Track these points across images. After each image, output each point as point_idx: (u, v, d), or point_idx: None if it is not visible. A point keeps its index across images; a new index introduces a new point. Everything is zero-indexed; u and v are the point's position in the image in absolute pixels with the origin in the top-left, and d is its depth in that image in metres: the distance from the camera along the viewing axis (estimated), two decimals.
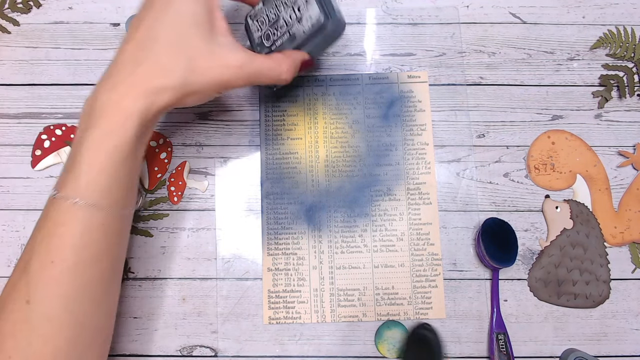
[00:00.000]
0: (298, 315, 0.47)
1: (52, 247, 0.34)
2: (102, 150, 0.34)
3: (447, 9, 0.52)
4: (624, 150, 0.49)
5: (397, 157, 0.49)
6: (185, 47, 0.36)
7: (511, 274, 0.48)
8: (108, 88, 0.35)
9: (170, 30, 0.36)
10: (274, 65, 0.40)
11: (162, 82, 0.35)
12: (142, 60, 0.35)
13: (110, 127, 0.34)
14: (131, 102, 0.35)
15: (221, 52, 0.37)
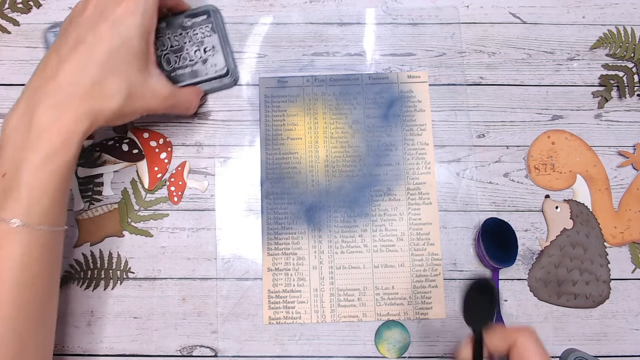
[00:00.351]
0: (298, 315, 0.47)
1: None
2: (44, 172, 0.35)
3: (447, 9, 0.52)
4: (624, 150, 0.49)
5: (397, 157, 0.49)
6: (126, 75, 0.38)
7: (511, 274, 0.48)
8: (47, 108, 0.36)
9: (113, 57, 0.38)
10: (189, 99, 0.46)
11: (104, 106, 0.37)
12: (83, 82, 0.37)
13: (52, 148, 0.35)
14: (74, 124, 0.36)
15: (153, 83, 0.41)
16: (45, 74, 0.37)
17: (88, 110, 0.37)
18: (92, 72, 0.37)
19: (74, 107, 0.36)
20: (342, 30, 0.52)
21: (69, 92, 0.36)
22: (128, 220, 0.48)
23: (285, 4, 0.52)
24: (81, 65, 0.37)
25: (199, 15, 0.49)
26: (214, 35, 0.49)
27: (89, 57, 0.37)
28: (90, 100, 0.37)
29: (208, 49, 0.48)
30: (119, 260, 0.48)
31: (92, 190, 0.49)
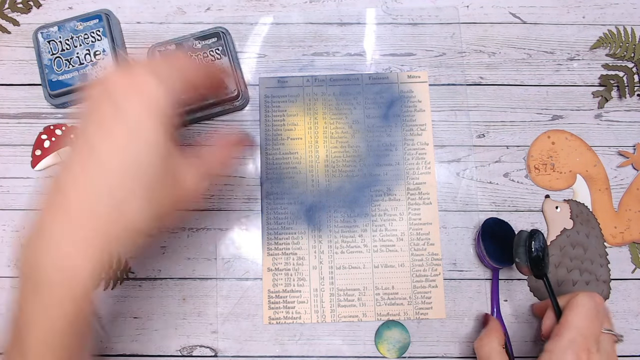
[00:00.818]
0: (298, 315, 0.47)
1: None
2: (48, 321, 0.29)
3: (447, 9, 0.52)
4: (624, 150, 0.49)
5: (397, 157, 0.49)
6: (150, 190, 0.30)
7: (511, 274, 0.48)
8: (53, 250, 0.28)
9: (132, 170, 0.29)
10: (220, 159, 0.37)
11: (122, 237, 0.29)
12: (96, 208, 0.29)
13: (58, 296, 0.28)
14: (82, 261, 0.28)
15: (182, 180, 0.32)
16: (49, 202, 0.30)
17: (103, 244, 0.29)
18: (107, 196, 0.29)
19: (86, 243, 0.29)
20: (342, 30, 0.52)
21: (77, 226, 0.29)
22: None
23: (285, 4, 0.52)
24: (92, 186, 0.29)
25: (209, 38, 0.49)
26: (224, 57, 0.48)
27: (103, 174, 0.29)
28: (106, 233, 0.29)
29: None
30: (118, 260, 0.48)
31: None
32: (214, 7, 0.52)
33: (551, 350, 0.36)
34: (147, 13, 0.52)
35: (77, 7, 0.52)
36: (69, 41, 0.48)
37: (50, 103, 0.49)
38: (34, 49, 0.50)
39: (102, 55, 0.48)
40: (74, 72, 0.48)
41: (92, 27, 0.48)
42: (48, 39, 0.48)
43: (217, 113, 0.49)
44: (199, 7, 0.52)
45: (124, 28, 0.52)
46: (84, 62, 0.48)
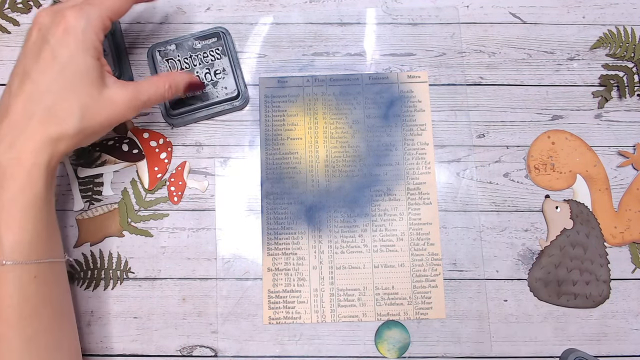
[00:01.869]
0: (298, 315, 0.47)
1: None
2: (16, 209, 0.35)
3: (447, 9, 0.52)
4: (624, 150, 0.49)
5: (397, 157, 0.49)
6: (75, 94, 0.37)
7: (511, 274, 0.48)
8: (5, 148, 0.36)
9: (59, 80, 0.37)
10: (158, 86, 0.42)
11: (58, 131, 0.37)
12: (35, 113, 0.36)
13: (18, 186, 0.35)
14: (32, 157, 0.36)
15: (109, 93, 0.39)
16: (3, 103, 0.38)
17: (45, 140, 0.36)
18: (41, 102, 0.36)
19: (30, 140, 0.36)
20: (342, 30, 0.52)
21: (21, 127, 0.36)
22: (128, 220, 0.48)
23: (285, 4, 0.52)
24: (29, 97, 0.36)
25: (209, 38, 0.49)
26: (224, 57, 0.49)
27: (35, 87, 0.36)
28: (45, 130, 0.36)
29: (218, 71, 0.48)
30: (119, 260, 0.48)
31: (92, 190, 0.49)
32: (214, 7, 0.52)
33: None
34: (147, 13, 0.52)
35: None
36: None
37: None
38: None
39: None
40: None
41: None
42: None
43: (216, 113, 0.49)
44: (199, 7, 0.52)
45: (124, 28, 0.52)
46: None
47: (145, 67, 0.51)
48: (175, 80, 0.43)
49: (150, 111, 0.50)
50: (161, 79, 0.43)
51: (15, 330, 0.35)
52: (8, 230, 0.35)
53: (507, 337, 0.47)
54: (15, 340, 0.35)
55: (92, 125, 0.38)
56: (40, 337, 0.37)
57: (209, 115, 0.49)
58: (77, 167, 0.49)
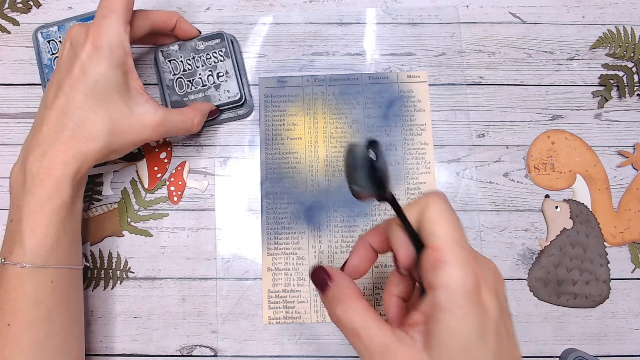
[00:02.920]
0: (298, 315, 0.47)
1: (7, 312, 0.36)
2: (42, 215, 0.37)
3: (447, 9, 0.52)
4: (624, 150, 0.49)
5: (397, 157, 0.49)
6: (106, 110, 0.39)
7: (511, 274, 0.48)
8: (37, 157, 0.37)
9: (90, 97, 0.38)
10: (186, 120, 0.43)
11: (88, 146, 0.38)
12: (66, 126, 0.38)
13: (46, 193, 0.37)
14: (62, 168, 0.37)
15: (140, 112, 0.40)
16: (36, 124, 0.39)
17: (74, 153, 0.38)
18: (73, 116, 0.38)
19: (61, 152, 0.38)
20: (342, 30, 0.52)
21: (54, 139, 0.38)
22: (128, 220, 0.48)
23: (285, 4, 0.52)
24: (62, 111, 0.38)
25: (213, 39, 0.48)
26: (228, 60, 0.48)
27: (68, 102, 0.38)
28: (75, 144, 0.38)
29: (221, 74, 0.48)
30: (119, 260, 0.48)
31: (92, 190, 0.49)
32: (214, 7, 0.52)
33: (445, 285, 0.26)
34: None
35: (77, 7, 0.52)
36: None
37: None
38: (34, 49, 0.50)
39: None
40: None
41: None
42: (48, 39, 0.48)
43: (221, 121, 0.49)
44: (199, 7, 0.52)
45: None
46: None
47: (146, 68, 0.51)
48: (203, 113, 0.45)
49: None
50: (191, 112, 0.44)
51: (28, 332, 0.36)
52: (32, 234, 0.37)
53: None
54: (27, 342, 0.36)
55: (120, 142, 0.40)
56: (52, 340, 0.38)
57: (214, 123, 0.49)
58: None
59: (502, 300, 0.28)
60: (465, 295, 0.26)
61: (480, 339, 0.26)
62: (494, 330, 0.26)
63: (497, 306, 0.27)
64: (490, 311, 0.26)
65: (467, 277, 0.26)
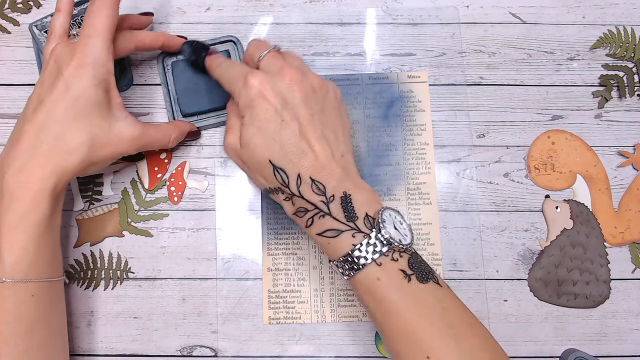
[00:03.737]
0: (298, 315, 0.47)
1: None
2: (20, 230, 0.37)
3: (447, 9, 0.52)
4: (624, 150, 0.49)
5: (397, 157, 0.49)
6: (86, 125, 0.39)
7: (511, 274, 0.48)
8: (15, 171, 0.37)
9: (70, 112, 0.38)
10: (164, 135, 0.45)
11: (66, 160, 0.38)
12: (45, 140, 0.38)
13: (24, 208, 0.37)
14: (40, 182, 0.37)
15: (118, 127, 0.41)
16: (12, 138, 0.39)
17: (53, 167, 0.38)
18: (52, 130, 0.38)
19: (39, 166, 0.38)
20: (342, 30, 0.52)
21: (32, 153, 0.38)
22: (128, 220, 0.48)
23: (285, 4, 0.52)
24: (41, 125, 0.38)
25: (84, 2, 0.47)
26: None
27: (48, 116, 0.38)
28: (53, 158, 0.38)
29: None
30: (119, 260, 0.48)
31: (92, 190, 0.49)
32: (214, 7, 0.52)
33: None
34: None
35: None
36: None
37: None
38: (33, 49, 0.50)
39: None
40: None
41: None
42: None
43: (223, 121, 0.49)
44: (199, 7, 0.52)
45: None
46: None
47: (146, 68, 0.51)
48: (181, 130, 0.46)
49: (151, 112, 0.50)
50: (169, 128, 0.45)
51: (9, 346, 0.36)
52: (10, 249, 0.37)
53: (507, 337, 0.47)
54: (8, 356, 0.36)
55: (98, 156, 0.40)
56: (33, 353, 0.38)
57: (218, 124, 0.49)
58: None
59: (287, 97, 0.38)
60: None
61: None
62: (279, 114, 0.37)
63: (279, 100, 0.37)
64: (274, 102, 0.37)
65: None
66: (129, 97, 0.51)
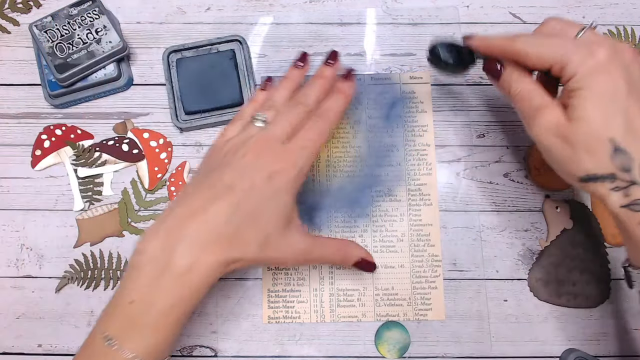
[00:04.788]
0: (297, 314, 0.47)
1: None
2: (171, 318, 0.35)
3: (447, 9, 0.52)
4: None
5: (398, 158, 0.49)
6: (268, 227, 0.37)
7: (511, 274, 0.48)
8: (189, 248, 0.35)
9: (260, 209, 0.36)
10: (328, 254, 0.42)
11: (240, 256, 0.36)
12: (229, 229, 0.36)
13: (184, 296, 0.34)
14: (208, 274, 0.35)
15: (292, 236, 0.39)
16: (191, 208, 0.36)
17: (225, 259, 0.35)
18: (238, 220, 0.36)
19: (214, 255, 0.35)
20: (342, 30, 0.52)
21: (213, 238, 0.35)
22: (128, 220, 0.48)
23: (285, 4, 0.52)
24: (231, 210, 0.36)
25: (83, 3, 0.49)
26: (103, 16, 0.48)
27: (239, 205, 0.36)
28: (229, 250, 0.36)
29: (99, 29, 0.48)
30: (119, 260, 0.48)
31: (92, 190, 0.49)
32: (214, 7, 0.52)
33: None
34: (147, 13, 0.52)
35: None
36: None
37: (50, 103, 0.49)
38: (33, 49, 0.50)
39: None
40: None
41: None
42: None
43: (222, 121, 0.49)
44: (199, 7, 0.52)
45: (124, 28, 0.52)
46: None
47: (146, 68, 0.51)
48: (349, 253, 0.43)
49: (151, 111, 0.50)
50: (336, 246, 0.43)
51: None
52: (157, 332, 0.34)
53: (507, 337, 0.47)
54: None
55: (265, 258, 0.38)
56: None
57: (218, 123, 0.49)
58: (77, 167, 0.49)
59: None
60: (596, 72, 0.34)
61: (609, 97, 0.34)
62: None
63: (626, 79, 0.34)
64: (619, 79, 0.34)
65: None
66: (129, 97, 0.51)
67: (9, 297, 0.47)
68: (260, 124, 0.40)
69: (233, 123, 0.42)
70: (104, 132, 0.50)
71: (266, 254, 0.37)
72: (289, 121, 0.40)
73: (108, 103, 0.51)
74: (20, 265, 0.48)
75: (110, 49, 0.48)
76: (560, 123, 0.35)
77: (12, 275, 0.48)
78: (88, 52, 0.48)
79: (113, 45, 0.48)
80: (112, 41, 0.48)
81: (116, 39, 0.48)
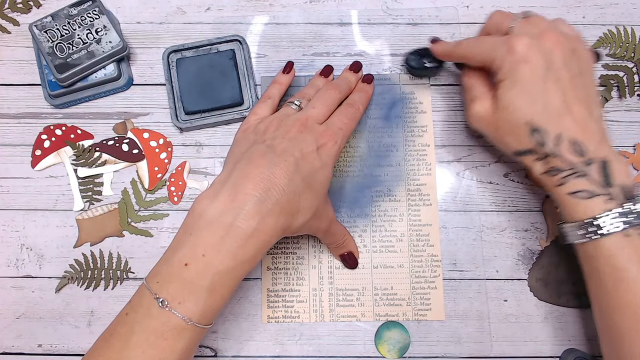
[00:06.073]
0: (297, 314, 0.47)
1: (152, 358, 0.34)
2: (229, 280, 0.35)
3: (447, 9, 0.52)
4: (624, 151, 0.49)
5: (397, 158, 0.49)
6: (317, 194, 0.39)
7: (511, 274, 0.48)
8: (252, 212, 0.35)
9: (312, 177, 0.39)
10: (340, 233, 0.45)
11: (295, 220, 0.38)
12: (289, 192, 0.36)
13: (244, 259, 0.35)
14: (269, 237, 0.36)
15: (329, 206, 0.43)
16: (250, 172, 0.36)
17: (283, 223, 0.36)
18: (296, 186, 0.37)
19: (275, 218, 0.36)
20: (342, 30, 0.52)
21: (278, 201, 0.36)
22: (128, 220, 0.48)
23: (285, 4, 0.52)
24: (289, 176, 0.37)
25: (83, 3, 0.49)
26: (103, 16, 0.49)
27: (296, 172, 0.37)
28: (287, 213, 0.36)
29: (99, 29, 0.48)
30: (119, 260, 0.48)
31: (92, 190, 0.49)
32: (214, 7, 0.52)
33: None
34: (147, 13, 0.52)
35: None
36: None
37: (50, 103, 0.49)
38: (33, 49, 0.50)
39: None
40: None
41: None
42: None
43: (222, 121, 0.49)
44: (199, 7, 0.52)
45: (124, 28, 0.52)
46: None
47: (146, 68, 0.51)
48: (348, 241, 0.47)
49: (151, 111, 0.50)
50: (345, 230, 0.47)
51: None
52: (214, 295, 0.35)
53: (507, 337, 0.47)
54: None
55: (309, 226, 0.40)
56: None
57: (217, 123, 0.49)
58: (77, 167, 0.49)
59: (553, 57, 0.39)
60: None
61: None
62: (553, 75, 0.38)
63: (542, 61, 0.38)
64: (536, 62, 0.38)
65: None
66: (129, 97, 0.51)
67: (9, 297, 0.47)
68: (295, 107, 0.43)
69: (262, 102, 0.45)
70: (104, 132, 0.50)
71: (312, 222, 0.39)
72: (325, 104, 0.43)
73: (108, 103, 0.51)
74: (20, 265, 0.48)
75: (110, 49, 0.48)
76: (488, 112, 0.41)
77: (12, 275, 0.48)
78: (88, 52, 0.48)
79: (113, 45, 0.48)
80: (112, 41, 0.48)
81: (116, 39, 0.48)
